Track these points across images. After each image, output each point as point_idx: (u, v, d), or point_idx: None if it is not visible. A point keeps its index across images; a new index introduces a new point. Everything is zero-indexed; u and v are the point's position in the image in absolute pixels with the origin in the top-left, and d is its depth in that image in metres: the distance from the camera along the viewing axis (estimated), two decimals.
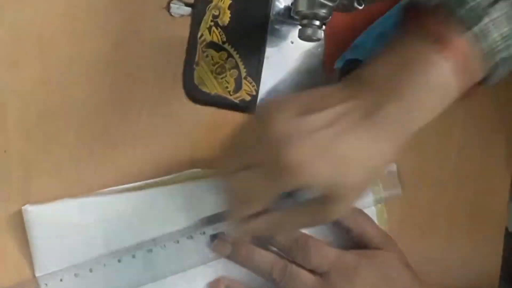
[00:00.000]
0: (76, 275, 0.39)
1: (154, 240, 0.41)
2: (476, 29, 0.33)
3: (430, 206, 0.50)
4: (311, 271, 0.41)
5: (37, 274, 0.39)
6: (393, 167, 0.47)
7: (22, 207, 0.38)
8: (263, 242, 0.42)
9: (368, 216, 0.45)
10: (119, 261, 0.40)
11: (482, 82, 0.36)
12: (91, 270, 0.39)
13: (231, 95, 0.44)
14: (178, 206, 0.42)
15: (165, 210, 0.41)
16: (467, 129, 0.51)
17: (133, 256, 0.40)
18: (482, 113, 0.51)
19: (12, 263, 0.39)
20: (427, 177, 0.49)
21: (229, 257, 0.42)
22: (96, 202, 0.40)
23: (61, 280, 0.39)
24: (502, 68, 0.35)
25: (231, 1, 0.43)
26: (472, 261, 0.50)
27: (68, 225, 0.39)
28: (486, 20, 0.33)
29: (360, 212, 0.45)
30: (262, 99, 0.44)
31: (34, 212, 0.38)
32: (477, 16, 0.33)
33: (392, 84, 0.34)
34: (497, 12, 0.33)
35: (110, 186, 0.41)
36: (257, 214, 0.34)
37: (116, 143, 0.42)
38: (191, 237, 0.41)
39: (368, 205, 0.46)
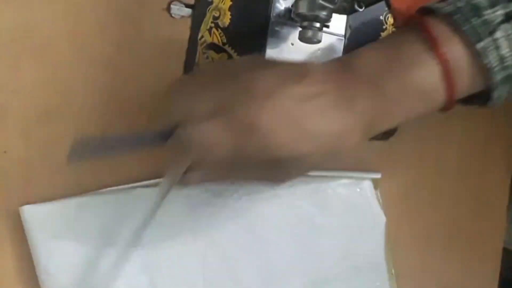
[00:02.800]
0: None
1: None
2: (480, 44, 0.32)
3: (429, 210, 0.50)
4: None
5: (38, 274, 0.38)
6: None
7: (19, 208, 0.38)
8: None
9: None
10: None
11: (485, 103, 0.36)
12: None
13: None
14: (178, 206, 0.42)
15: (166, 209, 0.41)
16: (467, 131, 0.51)
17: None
18: (482, 113, 0.51)
19: (12, 263, 0.40)
20: (426, 182, 0.50)
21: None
22: (94, 202, 0.40)
23: None
24: (501, 88, 0.34)
25: (231, 3, 0.43)
26: (471, 263, 0.51)
27: (67, 225, 0.39)
28: (492, 37, 0.32)
29: None
30: None
31: (32, 212, 0.38)
32: (486, 31, 0.32)
33: (378, 78, 0.34)
34: (502, 32, 0.32)
35: (109, 187, 0.41)
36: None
37: None
38: None
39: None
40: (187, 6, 0.43)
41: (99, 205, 0.40)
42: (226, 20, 0.43)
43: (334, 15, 0.40)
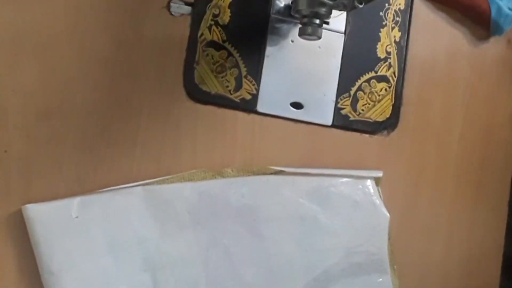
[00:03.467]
0: None
1: None
2: None
3: (430, 206, 0.50)
4: None
5: (40, 273, 0.38)
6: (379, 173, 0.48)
7: (22, 206, 0.38)
8: None
9: None
10: None
11: None
12: None
13: (231, 94, 0.44)
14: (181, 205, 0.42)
15: (168, 208, 0.41)
16: (468, 129, 0.51)
17: None
18: (482, 114, 0.51)
19: (12, 262, 0.39)
20: (427, 177, 0.50)
21: None
22: (97, 201, 0.40)
23: None
24: None
25: (231, 0, 0.43)
26: (473, 259, 0.51)
27: (70, 224, 0.39)
28: None
29: None
30: (263, 99, 0.44)
31: (35, 211, 0.38)
32: None
33: None
34: None
35: (110, 186, 0.41)
36: None
37: (116, 143, 0.42)
38: None
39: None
40: (186, 4, 0.43)
41: (102, 204, 0.40)
42: (226, 17, 0.43)
43: (334, 12, 0.40)
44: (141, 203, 0.40)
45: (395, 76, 0.48)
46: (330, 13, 0.39)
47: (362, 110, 0.47)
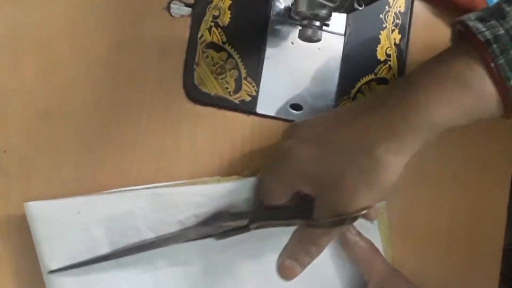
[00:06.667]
0: None
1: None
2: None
3: (430, 206, 0.50)
4: None
5: (43, 270, 0.38)
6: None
7: (24, 203, 0.38)
8: None
9: (378, 250, 0.45)
10: None
11: None
12: None
13: (231, 95, 0.44)
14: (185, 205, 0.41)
15: (175, 212, 0.41)
16: (468, 130, 0.51)
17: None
18: None
19: (11, 263, 0.39)
20: (427, 178, 0.49)
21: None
22: (100, 200, 0.40)
23: None
24: None
25: (231, 2, 0.43)
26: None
27: (71, 222, 0.39)
28: None
29: (371, 245, 0.45)
30: (262, 101, 0.44)
31: (37, 208, 0.38)
32: None
33: (439, 109, 0.35)
34: None
35: (110, 187, 0.41)
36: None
37: (116, 143, 0.42)
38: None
39: None
40: (187, 5, 0.43)
41: (107, 204, 0.40)
42: (226, 19, 0.43)
43: (334, 14, 0.40)
44: (148, 205, 0.40)
45: (395, 79, 0.48)
46: (330, 15, 0.39)
47: None
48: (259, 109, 0.44)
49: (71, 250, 0.38)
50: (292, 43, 0.45)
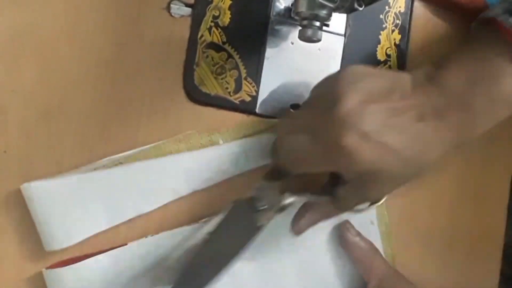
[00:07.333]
0: None
1: None
2: None
3: (428, 215, 0.50)
4: None
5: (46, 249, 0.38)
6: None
7: (20, 186, 0.38)
8: None
9: (377, 250, 0.45)
10: None
11: None
12: None
13: (231, 95, 0.44)
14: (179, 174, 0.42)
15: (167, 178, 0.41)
16: None
17: None
18: None
19: (12, 262, 0.39)
20: (427, 178, 0.49)
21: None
22: (95, 176, 0.40)
23: None
24: None
25: (231, 2, 0.43)
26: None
27: (68, 199, 0.39)
28: None
29: (371, 246, 0.45)
30: (262, 101, 0.44)
31: (33, 188, 0.38)
32: None
33: (465, 92, 0.35)
34: None
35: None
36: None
37: (116, 143, 0.42)
38: None
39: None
40: (187, 5, 0.43)
41: (102, 179, 0.40)
42: (226, 19, 0.43)
43: (334, 14, 0.40)
44: (142, 176, 0.40)
45: None
46: (330, 15, 0.39)
47: None
48: (259, 109, 0.44)
49: (69, 227, 0.38)
50: (292, 43, 0.45)
